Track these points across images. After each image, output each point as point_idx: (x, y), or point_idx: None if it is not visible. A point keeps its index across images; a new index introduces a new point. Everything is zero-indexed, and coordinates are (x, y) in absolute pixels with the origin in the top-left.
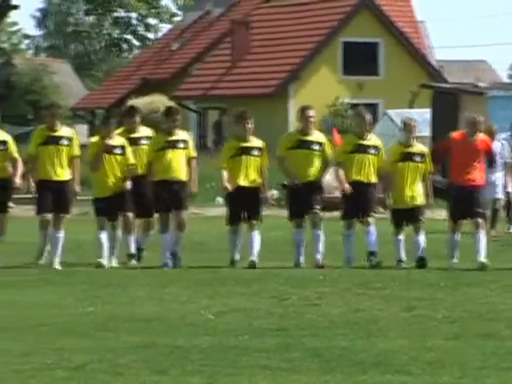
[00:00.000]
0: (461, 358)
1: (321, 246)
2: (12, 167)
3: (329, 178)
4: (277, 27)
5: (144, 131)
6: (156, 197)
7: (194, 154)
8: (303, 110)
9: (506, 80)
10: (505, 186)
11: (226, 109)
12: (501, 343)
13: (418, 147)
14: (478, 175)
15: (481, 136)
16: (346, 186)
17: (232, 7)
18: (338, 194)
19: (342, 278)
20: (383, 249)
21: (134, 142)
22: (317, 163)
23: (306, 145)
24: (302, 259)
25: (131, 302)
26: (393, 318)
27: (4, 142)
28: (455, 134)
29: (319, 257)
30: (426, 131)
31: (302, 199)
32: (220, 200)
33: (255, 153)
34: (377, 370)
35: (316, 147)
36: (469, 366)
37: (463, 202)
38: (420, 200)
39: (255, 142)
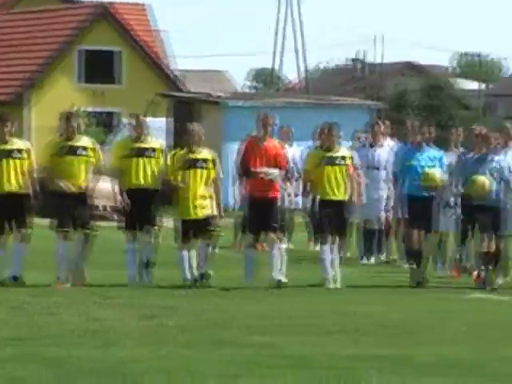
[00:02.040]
0: (194, 365)
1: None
2: None
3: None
4: (14, 34)
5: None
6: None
7: None
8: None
9: (243, 90)
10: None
11: None
12: (235, 350)
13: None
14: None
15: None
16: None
17: None
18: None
19: (80, 288)
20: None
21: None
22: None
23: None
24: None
25: None
26: (131, 327)
27: None
28: None
29: None
30: (161, 139)
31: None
32: None
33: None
34: (112, 379)
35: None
36: (201, 374)
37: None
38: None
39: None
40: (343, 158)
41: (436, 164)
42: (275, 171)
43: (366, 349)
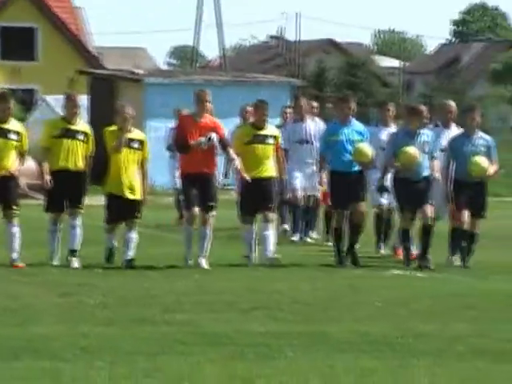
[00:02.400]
0: (114, 343)
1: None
2: None
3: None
4: None
5: None
6: None
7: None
8: None
9: (163, 67)
10: None
11: None
12: (155, 328)
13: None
14: None
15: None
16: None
17: None
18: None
19: None
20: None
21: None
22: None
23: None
24: None
25: None
26: (49, 304)
27: None
28: None
29: None
30: (83, 117)
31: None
32: None
33: None
34: (31, 356)
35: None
36: (121, 351)
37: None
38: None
39: None
40: (273, 136)
41: (364, 139)
42: (212, 134)
43: (284, 326)
